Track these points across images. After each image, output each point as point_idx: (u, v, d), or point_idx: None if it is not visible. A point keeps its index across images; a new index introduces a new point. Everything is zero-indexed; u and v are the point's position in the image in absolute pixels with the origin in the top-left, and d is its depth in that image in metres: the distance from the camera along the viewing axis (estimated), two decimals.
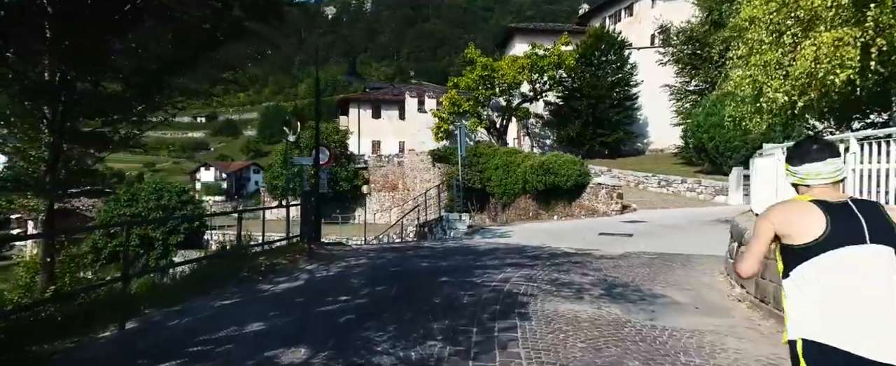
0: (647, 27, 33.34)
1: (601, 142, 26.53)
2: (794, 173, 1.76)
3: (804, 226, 1.61)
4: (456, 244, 10.23)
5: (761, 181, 6.43)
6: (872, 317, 1.51)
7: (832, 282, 1.57)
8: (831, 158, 1.69)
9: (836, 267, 1.57)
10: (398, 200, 29.78)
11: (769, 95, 6.22)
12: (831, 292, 1.56)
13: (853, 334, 1.51)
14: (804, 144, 1.80)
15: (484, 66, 24.46)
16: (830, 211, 1.61)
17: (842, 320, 1.53)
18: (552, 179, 17.10)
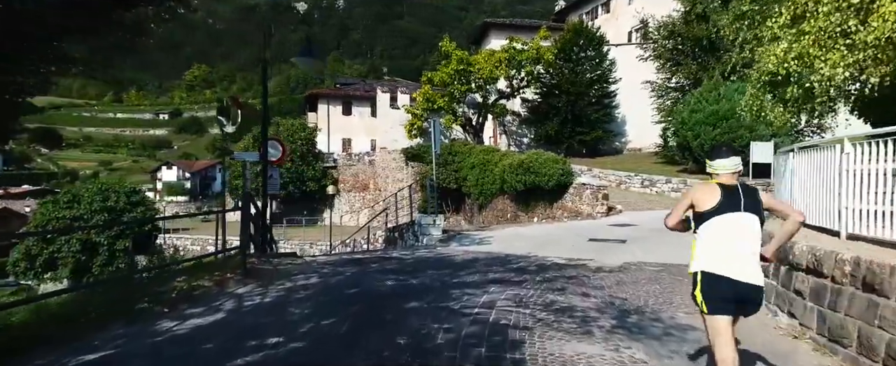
0: (623, 24, 32.87)
1: (580, 140, 25.72)
2: (710, 166, 2.80)
3: (707, 199, 2.63)
4: (429, 253, 8.94)
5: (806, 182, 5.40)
6: (741, 257, 2.53)
7: (718, 235, 2.57)
8: (733, 157, 2.72)
9: (721, 226, 2.57)
10: (369, 200, 28.27)
11: (824, 73, 5.07)
12: (718, 241, 2.56)
13: (730, 267, 2.52)
14: (717, 147, 2.88)
15: (460, 60, 23.24)
16: (724, 191, 2.62)
17: (723, 259, 2.54)
18: (533, 179, 16.01)
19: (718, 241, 2.55)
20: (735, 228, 2.54)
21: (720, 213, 2.55)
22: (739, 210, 2.55)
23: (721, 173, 2.69)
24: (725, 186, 2.62)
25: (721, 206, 2.56)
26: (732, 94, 16.33)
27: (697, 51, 19.50)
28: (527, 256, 8.27)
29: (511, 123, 30.51)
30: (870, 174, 3.59)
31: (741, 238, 2.53)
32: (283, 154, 9.18)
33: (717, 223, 2.56)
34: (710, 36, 18.75)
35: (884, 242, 3.38)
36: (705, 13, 18.61)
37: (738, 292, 2.50)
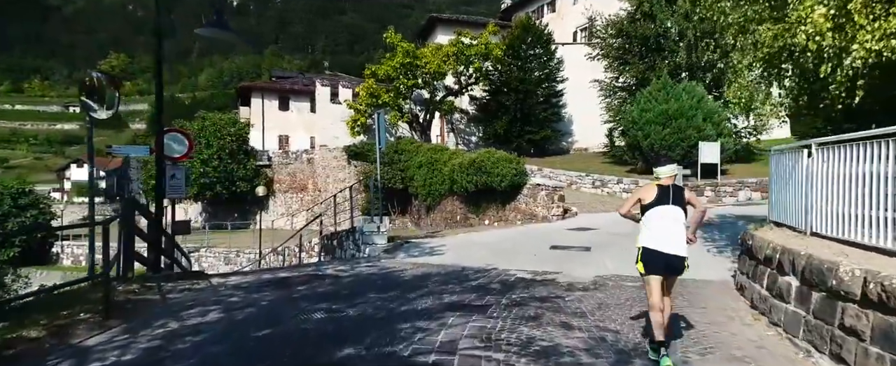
0: (569, 23, 33.04)
1: (529, 140, 25.26)
2: (655, 172, 3.83)
3: (648, 195, 3.68)
4: (372, 268, 7.61)
5: (804, 186, 4.66)
6: (669, 236, 3.55)
7: (654, 221, 3.61)
8: (669, 165, 3.82)
9: (655, 215, 3.61)
10: (308, 202, 26.18)
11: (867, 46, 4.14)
12: (652, 225, 3.61)
13: (660, 242, 3.55)
14: (660, 158, 4.02)
15: (406, 53, 21.91)
16: (660, 190, 3.65)
17: (657, 238, 3.57)
18: (484, 180, 15.06)
19: (654, 225, 3.60)
20: (665, 216, 3.57)
21: (656, 205, 3.60)
22: (669, 203, 3.58)
23: (661, 177, 3.72)
24: (662, 186, 3.65)
25: (657, 200, 3.60)
26: (680, 93, 16.32)
27: (644, 50, 19.53)
28: (486, 268, 7.19)
29: (459, 120, 29.61)
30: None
31: (669, 221, 3.56)
32: (189, 149, 7.44)
33: (653, 212, 3.61)
34: (657, 35, 18.79)
35: None
36: (652, 12, 18.62)
37: (666, 260, 3.56)
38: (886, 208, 3.15)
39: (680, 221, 3.59)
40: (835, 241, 3.73)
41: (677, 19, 18.25)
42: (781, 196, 4.98)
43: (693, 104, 15.84)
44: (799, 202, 4.35)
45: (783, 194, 4.89)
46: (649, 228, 3.63)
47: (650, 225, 3.63)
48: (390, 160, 23.52)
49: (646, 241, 3.62)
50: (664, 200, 3.58)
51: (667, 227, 3.54)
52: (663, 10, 18.45)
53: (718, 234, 9.41)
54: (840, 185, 3.70)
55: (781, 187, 4.98)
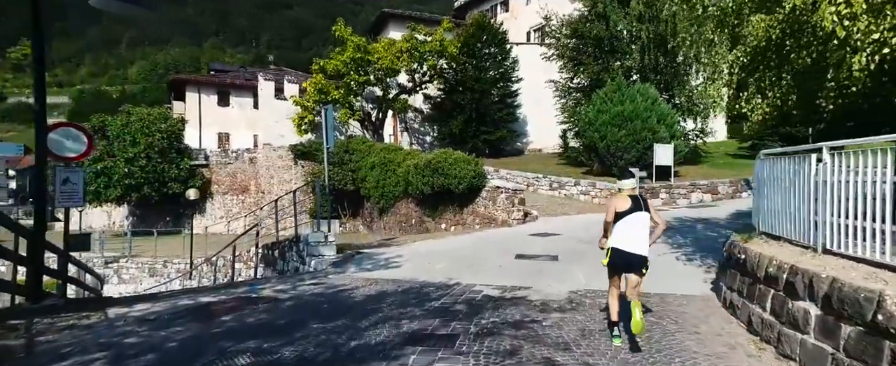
0: (522, 23, 33.04)
1: (484, 140, 24.80)
2: (619, 184, 4.39)
3: (622, 204, 4.17)
4: (317, 288, 6.61)
5: (790, 191, 4.23)
6: (634, 238, 4.11)
7: (624, 226, 4.13)
8: (631, 179, 4.40)
9: (626, 221, 4.12)
10: (250, 204, 24.30)
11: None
12: (623, 230, 4.12)
13: (626, 244, 4.10)
14: (624, 172, 4.65)
15: (357, 48, 20.71)
16: (631, 200, 4.18)
17: (623, 239, 4.12)
18: (441, 182, 14.31)
19: (623, 229, 4.21)
20: (634, 222, 4.20)
21: (626, 214, 4.21)
22: (637, 211, 4.21)
23: (625, 189, 4.36)
24: (631, 197, 4.28)
25: (630, 209, 4.21)
26: (635, 95, 16.36)
27: (598, 51, 19.57)
28: (448, 284, 6.42)
29: (413, 119, 28.70)
30: None
31: (636, 227, 4.19)
32: (88, 148, 6.07)
33: (625, 219, 4.21)
34: (610, 36, 18.85)
35: None
36: (606, 13, 18.66)
37: (629, 258, 4.19)
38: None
39: (646, 226, 4.21)
40: (855, 260, 3.27)
41: (630, 21, 18.39)
42: (774, 205, 4.56)
43: (647, 106, 15.92)
44: (804, 214, 3.90)
45: (778, 204, 4.46)
46: (621, 232, 4.21)
47: (620, 229, 4.22)
48: (340, 160, 22.24)
49: (615, 242, 4.23)
50: (636, 208, 4.20)
51: (635, 232, 4.18)
52: (616, 12, 18.54)
53: (682, 238, 9.19)
54: (860, 195, 3.23)
55: (775, 196, 4.56)
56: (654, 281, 6.14)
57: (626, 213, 4.12)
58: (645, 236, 4.13)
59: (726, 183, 15.16)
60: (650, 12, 17.36)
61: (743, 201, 14.46)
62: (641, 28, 17.44)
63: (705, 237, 9.26)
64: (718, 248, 8.09)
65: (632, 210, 4.13)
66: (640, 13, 17.41)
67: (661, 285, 5.95)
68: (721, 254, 7.45)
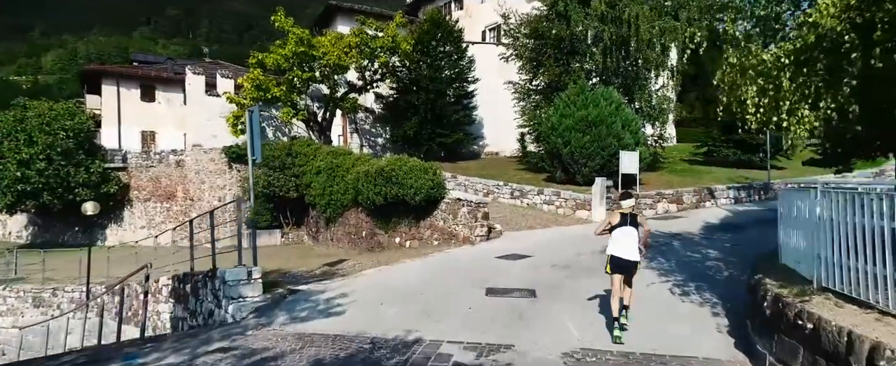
0: (477, 22, 32.07)
1: (440, 143, 23.52)
2: (619, 205, 5.62)
3: (616, 220, 5.37)
4: (226, 360, 4.94)
5: None
6: (626, 246, 5.25)
7: (617, 236, 5.30)
8: (630, 200, 5.59)
9: (619, 233, 5.30)
10: (177, 213, 21.58)
11: None
12: (616, 239, 5.30)
13: (621, 251, 5.24)
14: (624, 193, 5.87)
15: (300, 41, 18.68)
16: (622, 216, 5.37)
17: (619, 248, 5.26)
18: (396, 192, 12.85)
19: (617, 239, 5.29)
20: (625, 234, 5.27)
21: (620, 226, 5.30)
22: (626, 225, 5.29)
23: (624, 207, 5.46)
24: (624, 214, 5.35)
25: (621, 223, 5.30)
26: (599, 99, 15.67)
27: (558, 53, 18.83)
28: (407, 342, 5.02)
29: (364, 120, 26.89)
30: None
31: (627, 238, 5.26)
32: None
33: (618, 231, 5.30)
34: (571, 37, 18.12)
35: None
36: (566, 12, 17.90)
37: (624, 264, 5.22)
38: None
39: (635, 237, 5.27)
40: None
41: (592, 21, 17.74)
42: (824, 251, 3.54)
43: (612, 111, 15.26)
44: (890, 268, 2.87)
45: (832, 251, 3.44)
46: (616, 242, 5.30)
47: (616, 239, 5.30)
48: (282, 165, 20.12)
49: (613, 250, 5.30)
50: (625, 223, 5.29)
51: (627, 242, 5.24)
52: (577, 11, 17.84)
53: (665, 261, 8.31)
54: None
55: (825, 239, 3.54)
56: (662, 328, 5.06)
57: (618, 226, 5.34)
58: (634, 245, 5.26)
59: (690, 192, 14.79)
60: (613, 13, 16.77)
61: (707, 212, 14.13)
62: (603, 29, 16.82)
63: (689, 259, 8.46)
64: (710, 275, 7.27)
65: (622, 224, 5.32)
66: (603, 13, 16.79)
67: (670, 332, 4.90)
68: (715, 283, 6.63)
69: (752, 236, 10.23)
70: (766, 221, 11.97)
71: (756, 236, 10.21)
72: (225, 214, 20.03)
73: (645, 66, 17.50)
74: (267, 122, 22.78)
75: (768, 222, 11.92)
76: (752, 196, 15.85)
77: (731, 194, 15.39)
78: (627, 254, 5.15)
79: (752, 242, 9.74)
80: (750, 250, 8.66)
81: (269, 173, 19.86)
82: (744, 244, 9.32)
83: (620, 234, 5.23)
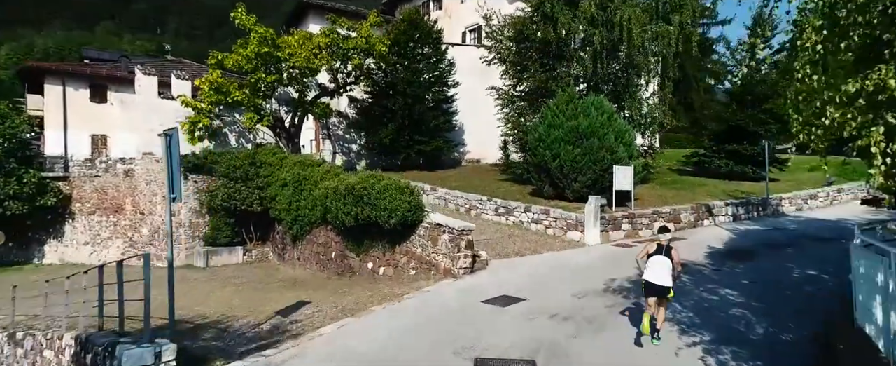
0: (457, 23, 30.75)
1: (418, 151, 22.08)
2: (657, 237, 6.60)
3: (652, 249, 6.27)
4: None
5: None
6: (658, 273, 6.05)
7: (651, 264, 6.14)
8: (668, 234, 6.41)
9: (653, 261, 6.15)
10: (125, 227, 19.50)
11: None
12: (650, 267, 6.13)
13: (653, 276, 6.06)
14: (662, 228, 6.60)
15: (263, 40, 16.92)
16: (659, 246, 6.26)
17: (651, 274, 6.09)
18: (368, 213, 11.37)
19: (653, 266, 6.03)
20: (660, 263, 6.01)
21: (655, 254, 6.08)
22: (662, 254, 6.05)
23: (661, 238, 6.25)
24: (659, 244, 6.14)
25: (656, 252, 6.09)
26: (589, 108, 14.50)
27: (545, 57, 17.64)
28: None
29: (337, 126, 25.21)
30: None
31: (661, 266, 5.98)
32: None
33: (653, 259, 6.07)
34: (558, 40, 16.93)
35: None
36: (553, 14, 16.70)
37: (657, 288, 5.95)
38: None
39: (668, 266, 6.03)
40: None
41: (580, 23, 16.59)
42: None
43: (604, 121, 14.11)
44: None
45: None
46: (651, 269, 6.08)
47: (652, 267, 6.07)
48: (245, 175, 18.31)
49: (647, 276, 6.08)
50: (660, 252, 6.10)
51: (660, 270, 6.01)
52: (564, 13, 16.66)
53: (683, 310, 7.09)
54: None
55: None
56: None
57: (654, 254, 6.12)
58: (667, 272, 5.97)
59: (688, 210, 13.76)
60: (603, 16, 15.64)
61: (708, 232, 13.13)
62: (593, 32, 15.68)
63: (708, 304, 7.28)
64: (742, 332, 5.95)
65: (657, 253, 6.10)
66: (593, 16, 15.64)
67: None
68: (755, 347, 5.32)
69: (767, 268, 9.18)
70: (775, 246, 11.12)
71: (771, 268, 9.19)
72: (180, 230, 18.04)
73: (635, 71, 16.47)
74: (230, 127, 20.88)
75: (778, 247, 11.11)
76: (751, 212, 14.96)
77: (729, 212, 14.45)
78: (660, 280, 5.90)
79: (771, 276, 8.66)
80: (774, 292, 7.60)
81: (230, 185, 18.04)
82: (763, 281, 8.22)
83: (655, 262, 6.00)
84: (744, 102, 17.94)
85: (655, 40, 15.89)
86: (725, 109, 18.45)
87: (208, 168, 18.82)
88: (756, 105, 17.79)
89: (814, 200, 16.48)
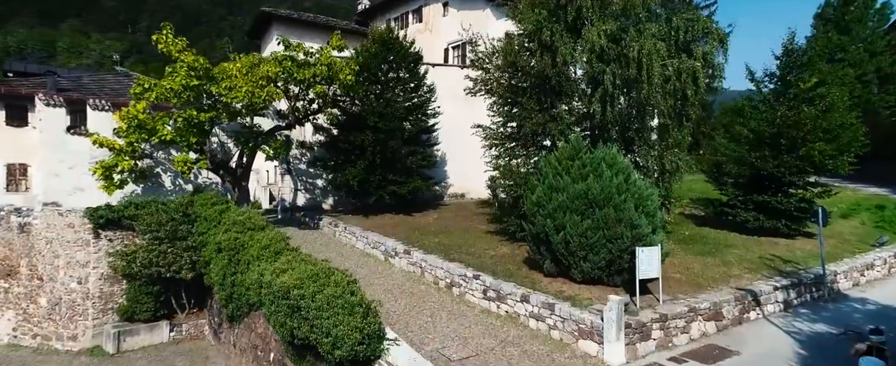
0: (438, 38, 27.64)
1: (393, 192, 18.84)
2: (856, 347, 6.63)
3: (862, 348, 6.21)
4: None
5: None
6: None
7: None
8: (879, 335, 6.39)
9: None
10: (19, 295, 15.78)
11: None
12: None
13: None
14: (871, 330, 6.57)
15: (190, 71, 13.42)
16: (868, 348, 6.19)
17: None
18: (305, 332, 8.15)
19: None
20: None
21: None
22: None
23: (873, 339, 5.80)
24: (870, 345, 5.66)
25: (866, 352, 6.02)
26: (599, 165, 11.48)
27: (542, 93, 14.59)
28: None
29: (299, 159, 21.80)
30: None
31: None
32: None
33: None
34: (558, 75, 13.90)
35: None
36: (553, 43, 13.68)
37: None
38: None
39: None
40: None
41: (584, 55, 13.60)
42: None
43: (620, 184, 11.09)
44: None
45: None
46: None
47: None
48: (173, 233, 14.82)
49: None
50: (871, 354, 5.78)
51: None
52: (566, 43, 13.65)
53: None
54: None
55: None
56: None
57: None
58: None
59: (730, 301, 10.77)
60: (616, 49, 12.65)
61: (759, 332, 10.20)
62: (603, 70, 12.69)
63: None
64: None
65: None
66: (603, 49, 12.65)
67: None
68: None
69: None
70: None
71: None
72: (86, 303, 14.21)
73: (650, 112, 13.55)
74: (164, 166, 17.29)
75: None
76: (804, 295, 12.09)
77: (780, 298, 11.54)
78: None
79: None
80: None
81: (153, 247, 14.56)
82: None
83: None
84: (777, 146, 15.15)
85: (679, 78, 12.97)
86: (751, 152, 15.65)
87: (127, 223, 15.25)
88: (793, 150, 15.02)
89: (870, 271, 13.77)
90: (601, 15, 13.63)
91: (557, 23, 14.16)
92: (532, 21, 14.04)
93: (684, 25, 13.64)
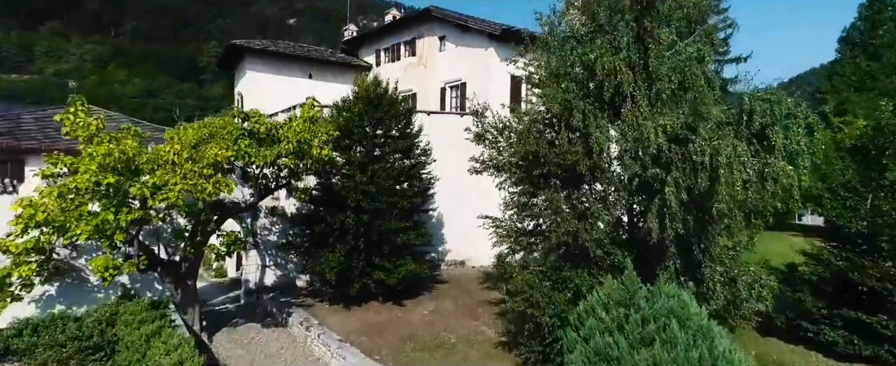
0: (433, 75, 24.27)
1: (379, 280, 15.40)
2: None
3: None
4: None
5: None
6: None
7: None
8: None
9: None
10: None
11: None
12: None
13: None
14: None
15: (102, 165, 9.79)
16: None
17: None
18: None
19: None
20: None
21: None
22: None
23: None
24: None
25: None
26: (664, 315, 8.14)
27: (569, 186, 11.27)
28: None
29: (269, 230, 18.26)
30: None
31: None
32: None
33: None
34: (593, 167, 10.57)
35: None
36: (585, 127, 10.37)
37: None
38: None
39: None
40: None
41: (626, 143, 10.30)
42: None
43: (702, 356, 7.76)
44: None
45: None
46: None
47: None
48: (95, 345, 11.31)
49: None
50: None
51: None
52: (601, 126, 10.37)
53: None
54: None
55: None
56: None
57: None
58: None
59: None
60: (680, 151, 9.36)
61: None
62: (663, 177, 9.40)
63: None
64: None
65: None
66: (659, 149, 9.37)
67: None
68: None
69: None
70: None
71: None
72: None
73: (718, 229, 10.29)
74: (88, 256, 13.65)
75: None
76: None
77: None
78: None
79: None
80: None
81: None
82: None
83: None
84: (876, 248, 11.93)
85: (762, 183, 9.71)
86: (836, 254, 12.46)
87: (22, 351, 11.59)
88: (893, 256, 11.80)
89: None
90: (648, 94, 10.36)
91: (588, 98, 10.88)
92: (558, 100, 10.73)
93: (760, 109, 10.37)
